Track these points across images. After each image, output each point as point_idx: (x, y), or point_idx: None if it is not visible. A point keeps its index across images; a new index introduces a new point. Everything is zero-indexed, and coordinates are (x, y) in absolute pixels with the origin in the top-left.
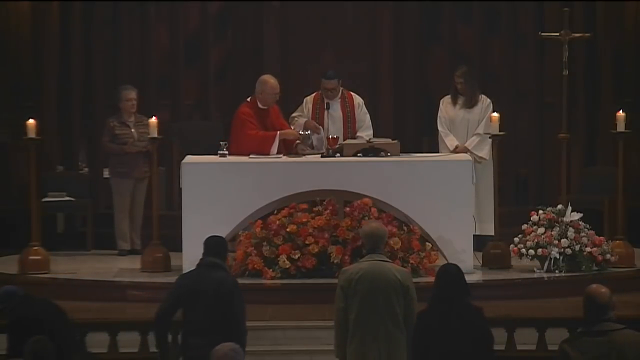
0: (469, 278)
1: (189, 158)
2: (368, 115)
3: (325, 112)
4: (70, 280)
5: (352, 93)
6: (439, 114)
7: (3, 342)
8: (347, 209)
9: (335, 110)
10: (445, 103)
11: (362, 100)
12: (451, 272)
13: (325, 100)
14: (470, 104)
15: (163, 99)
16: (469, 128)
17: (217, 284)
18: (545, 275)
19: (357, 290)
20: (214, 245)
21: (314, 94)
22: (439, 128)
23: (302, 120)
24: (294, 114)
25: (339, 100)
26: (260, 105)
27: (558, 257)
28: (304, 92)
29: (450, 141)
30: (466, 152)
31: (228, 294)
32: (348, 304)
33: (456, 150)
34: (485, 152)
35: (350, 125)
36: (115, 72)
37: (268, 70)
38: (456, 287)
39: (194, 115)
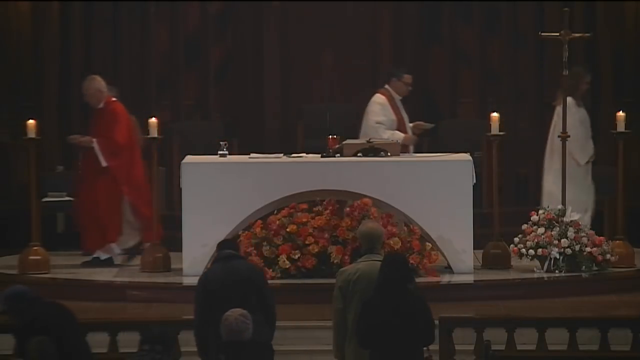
0: (469, 278)
1: (189, 158)
2: None
3: (401, 109)
4: (70, 280)
5: None
6: (583, 117)
7: (6, 342)
8: (347, 209)
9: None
10: (574, 106)
11: None
12: (396, 260)
13: (397, 98)
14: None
15: (163, 99)
16: None
17: (249, 272)
18: (545, 275)
19: (355, 290)
20: (226, 242)
21: (380, 94)
22: (590, 134)
23: (390, 129)
24: (379, 119)
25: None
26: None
27: (558, 257)
28: (304, 91)
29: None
30: None
31: (261, 279)
32: (346, 305)
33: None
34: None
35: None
36: (115, 72)
37: (268, 70)
38: (400, 275)
39: (194, 115)
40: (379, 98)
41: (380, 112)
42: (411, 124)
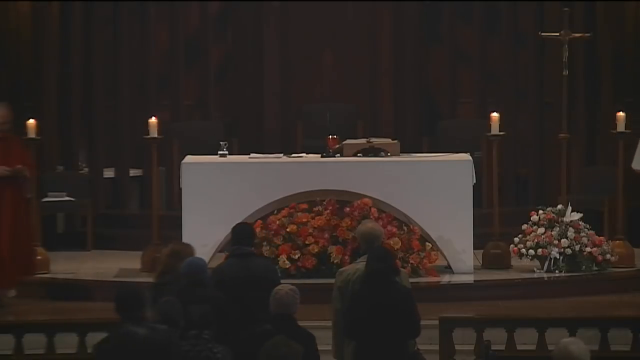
0: (469, 278)
1: (189, 158)
2: None
3: None
4: (70, 280)
5: None
6: None
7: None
8: (347, 209)
9: None
10: None
11: None
12: (381, 252)
13: None
14: None
15: (163, 99)
16: None
17: (265, 270)
18: (545, 275)
19: (354, 290)
20: (242, 233)
21: None
22: None
23: None
24: None
25: None
26: None
27: (558, 257)
28: (304, 91)
29: None
30: None
31: (277, 279)
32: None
33: None
34: None
35: None
36: (115, 72)
37: (268, 70)
38: (385, 266)
39: (194, 115)
40: None
41: None
42: None
